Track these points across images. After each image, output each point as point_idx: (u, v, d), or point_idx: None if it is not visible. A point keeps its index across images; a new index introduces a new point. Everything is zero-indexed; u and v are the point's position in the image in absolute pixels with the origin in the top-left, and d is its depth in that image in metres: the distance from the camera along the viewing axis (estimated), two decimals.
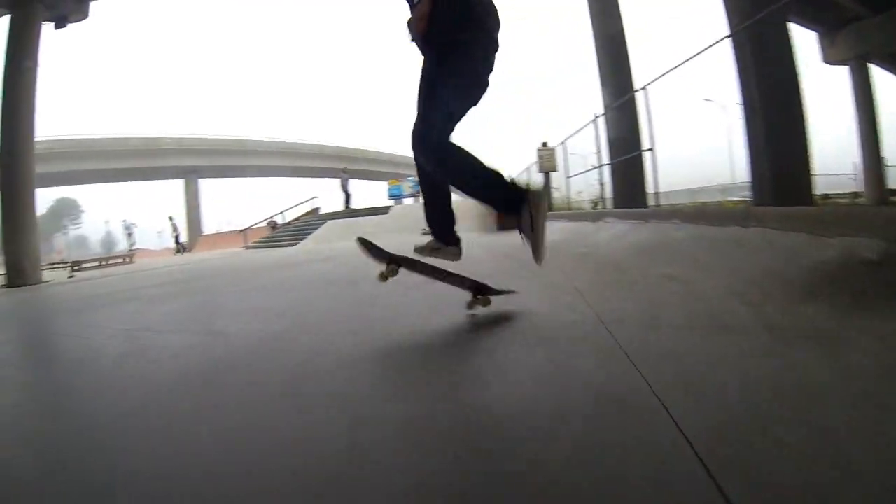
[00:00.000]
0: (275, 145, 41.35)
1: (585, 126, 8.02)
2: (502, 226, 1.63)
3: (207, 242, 22.24)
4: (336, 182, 17.19)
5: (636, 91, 6.49)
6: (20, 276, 8.09)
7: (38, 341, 2.77)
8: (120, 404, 1.25)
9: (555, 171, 9.70)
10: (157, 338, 2.11)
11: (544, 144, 9.87)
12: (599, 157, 7.74)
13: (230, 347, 1.76)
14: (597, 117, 7.68)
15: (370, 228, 10.85)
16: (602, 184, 7.82)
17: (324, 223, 13.69)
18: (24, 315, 4.14)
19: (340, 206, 16.48)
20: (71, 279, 9.03)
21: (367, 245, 1.81)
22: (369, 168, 40.07)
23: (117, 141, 36.87)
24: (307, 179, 41.90)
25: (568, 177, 9.14)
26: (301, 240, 12.64)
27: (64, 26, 9.34)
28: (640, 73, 8.61)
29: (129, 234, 28.31)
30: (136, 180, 44.10)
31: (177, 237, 18.79)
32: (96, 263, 12.78)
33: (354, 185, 17.32)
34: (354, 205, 16.34)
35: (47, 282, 8.48)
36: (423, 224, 1.79)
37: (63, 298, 5.02)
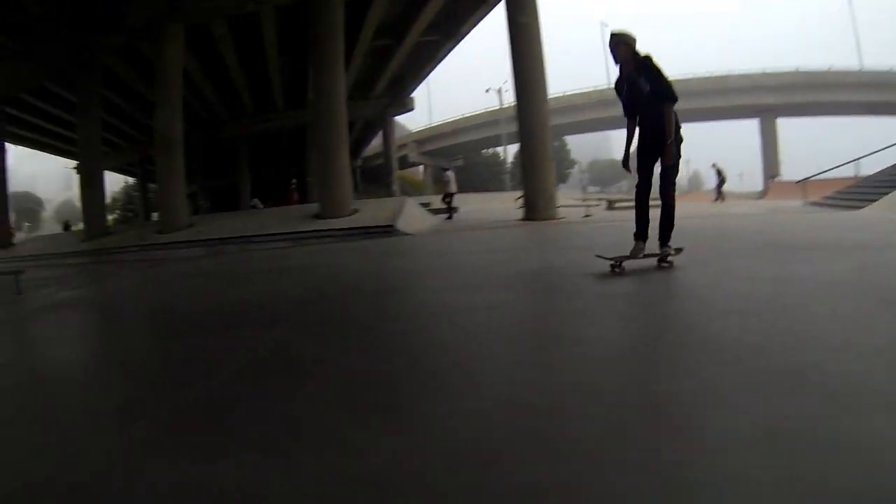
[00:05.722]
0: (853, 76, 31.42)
1: None
2: None
3: (779, 190, 18.90)
4: None
5: None
6: (532, 210, 9.23)
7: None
8: None
9: None
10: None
11: None
12: None
13: None
14: None
15: None
16: None
17: None
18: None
19: None
20: (586, 217, 9.50)
21: None
22: None
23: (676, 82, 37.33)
24: None
25: None
26: (874, 200, 7.94)
27: None
28: None
29: None
30: (698, 121, 43.47)
31: (719, 184, 16.63)
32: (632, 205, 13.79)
33: None
34: None
35: (562, 218, 9.19)
36: None
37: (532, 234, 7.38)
